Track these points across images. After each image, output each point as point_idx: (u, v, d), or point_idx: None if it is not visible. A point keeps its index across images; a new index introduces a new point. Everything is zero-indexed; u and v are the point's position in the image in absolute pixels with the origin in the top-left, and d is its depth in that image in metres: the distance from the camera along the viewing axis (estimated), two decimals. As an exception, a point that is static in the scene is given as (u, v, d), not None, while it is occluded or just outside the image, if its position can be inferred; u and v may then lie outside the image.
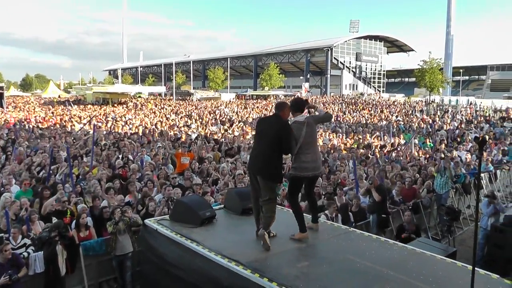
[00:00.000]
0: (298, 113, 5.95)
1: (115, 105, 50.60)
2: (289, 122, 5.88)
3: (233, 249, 5.40)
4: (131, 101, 55.67)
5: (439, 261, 5.32)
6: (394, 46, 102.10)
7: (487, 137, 20.48)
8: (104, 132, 22.13)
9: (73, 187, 10.57)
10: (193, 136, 21.60)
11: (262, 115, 36.17)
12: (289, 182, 6.35)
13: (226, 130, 24.23)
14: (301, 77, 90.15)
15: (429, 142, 20.83)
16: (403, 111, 42.05)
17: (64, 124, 27.07)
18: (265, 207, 5.71)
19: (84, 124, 25.30)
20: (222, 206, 7.57)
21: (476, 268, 4.18)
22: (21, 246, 7.48)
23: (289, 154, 5.97)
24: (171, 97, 69.02)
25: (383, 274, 4.73)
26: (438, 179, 12.54)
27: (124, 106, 49.97)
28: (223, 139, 20.11)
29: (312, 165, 5.86)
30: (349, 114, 39.18)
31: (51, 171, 11.97)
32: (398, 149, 18.13)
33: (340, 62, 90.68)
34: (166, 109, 45.13)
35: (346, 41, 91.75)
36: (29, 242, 7.66)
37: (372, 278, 4.65)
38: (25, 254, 7.31)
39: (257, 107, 49.03)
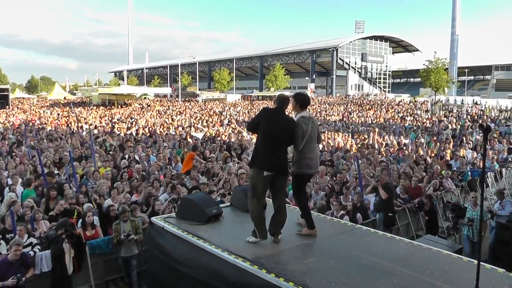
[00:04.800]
0: (303, 110, 5.81)
1: (121, 106, 50.70)
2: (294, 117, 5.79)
3: (240, 246, 5.42)
4: (137, 103, 55.74)
5: (445, 257, 5.32)
6: (400, 46, 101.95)
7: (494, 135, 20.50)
8: (110, 132, 22.28)
9: (77, 187, 10.59)
10: (199, 136, 21.66)
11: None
12: (294, 180, 6.05)
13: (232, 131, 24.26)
14: (307, 78, 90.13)
15: (436, 141, 20.77)
16: (409, 111, 41.95)
17: (70, 125, 27.18)
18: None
19: (90, 125, 25.45)
20: (229, 204, 7.59)
21: (482, 263, 4.19)
22: (27, 245, 7.47)
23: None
24: (177, 99, 69.09)
25: (390, 269, 4.74)
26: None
27: (130, 107, 50.03)
28: (228, 139, 20.19)
29: (314, 162, 5.82)
30: (355, 114, 39.15)
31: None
32: (404, 148, 18.12)
33: (346, 63, 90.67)
34: (171, 110, 45.15)
35: (351, 42, 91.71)
36: (35, 241, 7.68)
37: (379, 273, 4.66)
38: (31, 253, 7.32)
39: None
